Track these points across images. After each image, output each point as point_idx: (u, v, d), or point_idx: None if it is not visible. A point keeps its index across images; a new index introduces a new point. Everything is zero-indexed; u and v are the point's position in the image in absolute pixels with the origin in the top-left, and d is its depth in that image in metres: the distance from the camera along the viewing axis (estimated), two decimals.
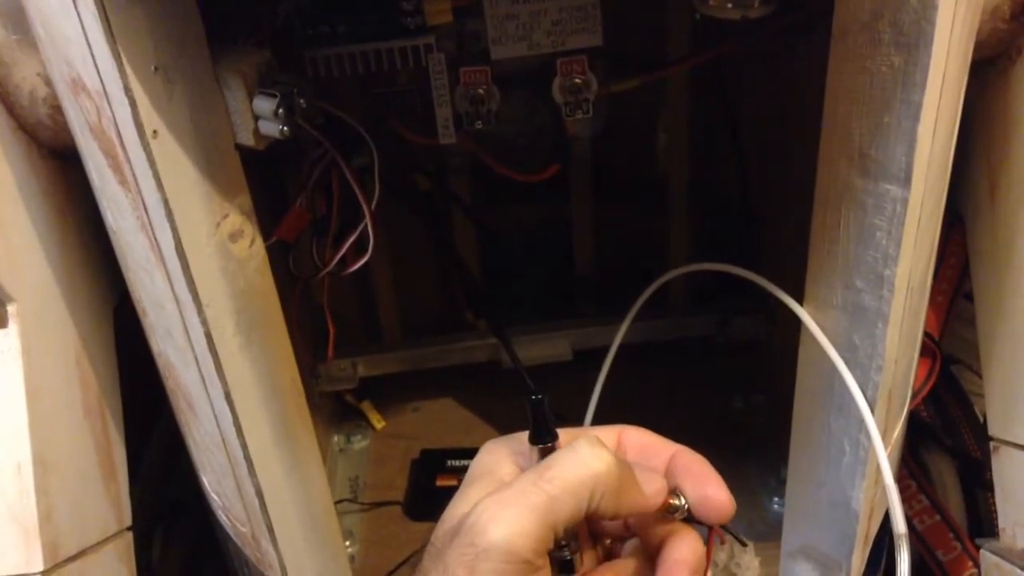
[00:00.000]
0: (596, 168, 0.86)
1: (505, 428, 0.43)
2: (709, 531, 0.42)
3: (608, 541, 0.45)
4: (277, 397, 0.52)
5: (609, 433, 0.44)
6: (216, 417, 0.49)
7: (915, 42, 0.40)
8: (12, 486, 0.50)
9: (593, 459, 0.38)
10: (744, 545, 0.46)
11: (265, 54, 0.47)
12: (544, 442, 0.40)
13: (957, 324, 0.74)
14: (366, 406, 0.92)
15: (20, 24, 0.48)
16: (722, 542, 0.44)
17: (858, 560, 0.57)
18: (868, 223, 0.46)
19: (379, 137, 0.55)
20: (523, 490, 0.37)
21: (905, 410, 0.56)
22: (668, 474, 0.42)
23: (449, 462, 0.85)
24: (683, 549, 0.41)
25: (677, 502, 0.41)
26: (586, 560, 0.43)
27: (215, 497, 0.56)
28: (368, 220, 0.56)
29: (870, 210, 0.46)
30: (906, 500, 0.78)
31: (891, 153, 0.43)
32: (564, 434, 0.41)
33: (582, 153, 0.85)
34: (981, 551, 0.64)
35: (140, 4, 0.39)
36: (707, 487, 0.41)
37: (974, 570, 0.74)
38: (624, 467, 0.39)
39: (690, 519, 0.42)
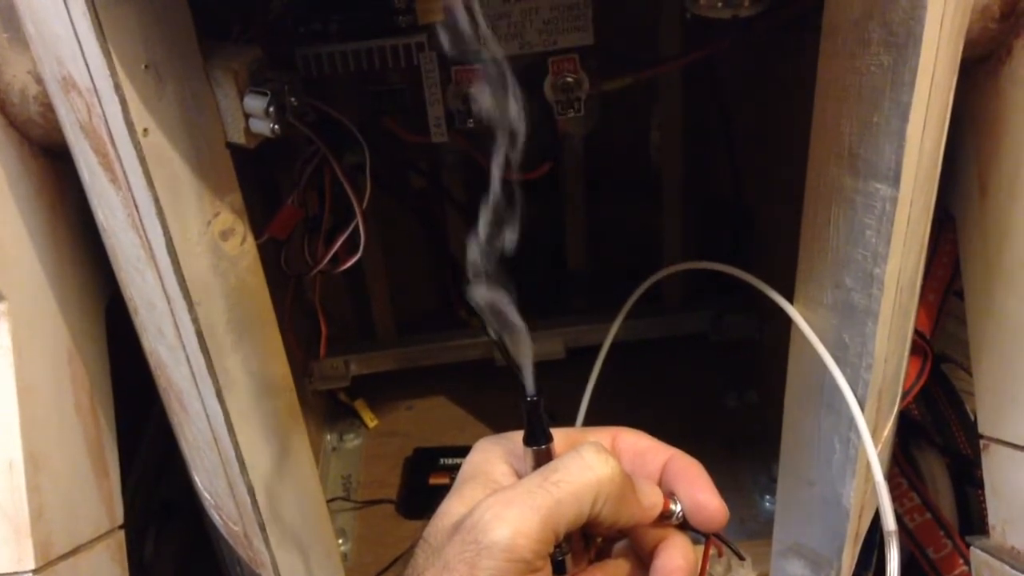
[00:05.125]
0: (589, 166, 0.86)
1: (498, 426, 0.42)
2: (706, 541, 0.42)
3: (599, 540, 0.45)
4: (269, 395, 0.52)
5: (604, 436, 0.43)
6: (208, 415, 0.49)
7: (904, 42, 0.40)
8: (3, 484, 0.50)
9: (599, 465, 0.38)
10: (742, 559, 0.45)
11: (256, 52, 0.47)
12: (539, 444, 0.40)
13: (948, 322, 0.75)
14: (359, 404, 0.92)
15: (11, 22, 0.48)
16: (719, 554, 0.43)
17: (849, 558, 0.57)
18: (858, 222, 0.46)
19: (371, 135, 0.55)
20: (528, 491, 0.37)
21: (895, 408, 0.56)
22: (662, 479, 0.42)
23: (442, 460, 0.85)
24: (676, 556, 0.41)
25: (673, 507, 0.41)
26: (577, 559, 0.42)
27: (207, 495, 0.56)
28: (359, 218, 0.56)
29: (860, 209, 0.46)
30: (897, 498, 0.78)
31: (880, 152, 0.43)
32: (558, 435, 0.41)
33: (574, 151, 0.85)
34: (971, 549, 0.64)
35: (130, 2, 0.39)
36: (699, 493, 0.41)
37: (964, 568, 0.74)
38: (626, 477, 0.39)
39: (686, 526, 0.41)
